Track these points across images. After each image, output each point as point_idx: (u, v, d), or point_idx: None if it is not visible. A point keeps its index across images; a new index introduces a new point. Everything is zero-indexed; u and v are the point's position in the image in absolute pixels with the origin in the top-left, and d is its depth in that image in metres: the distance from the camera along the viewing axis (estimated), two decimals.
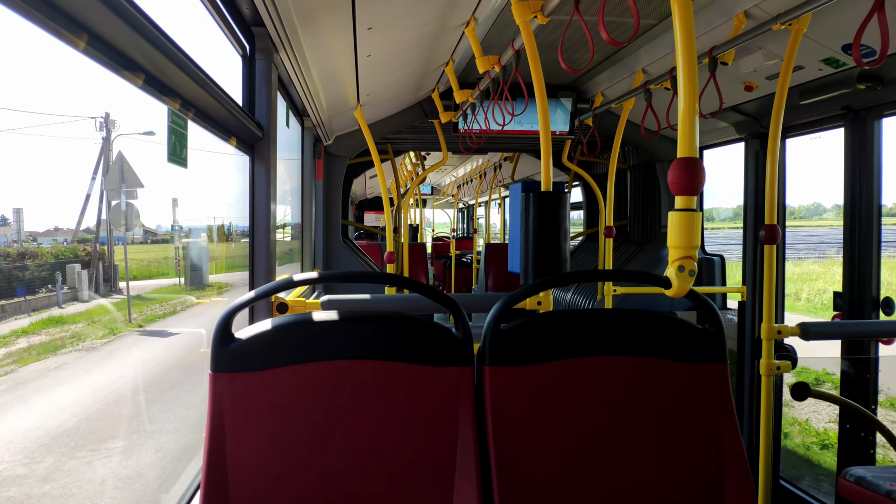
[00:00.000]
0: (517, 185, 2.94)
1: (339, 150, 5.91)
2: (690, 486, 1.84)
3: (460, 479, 1.76)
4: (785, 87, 2.89)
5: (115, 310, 16.05)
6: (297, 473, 1.74)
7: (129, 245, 10.59)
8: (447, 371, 1.83)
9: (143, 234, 9.58)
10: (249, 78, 2.81)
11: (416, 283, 1.99)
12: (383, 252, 5.24)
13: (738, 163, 4.80)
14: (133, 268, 16.23)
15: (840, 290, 3.86)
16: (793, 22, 2.77)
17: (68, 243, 17.54)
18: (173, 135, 1.84)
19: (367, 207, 17.97)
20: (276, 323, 1.82)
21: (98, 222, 17.00)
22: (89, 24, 1.35)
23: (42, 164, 41.73)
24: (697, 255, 1.68)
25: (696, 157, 1.62)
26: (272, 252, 2.88)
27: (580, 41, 4.29)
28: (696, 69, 1.63)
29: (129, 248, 10.45)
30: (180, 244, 17.95)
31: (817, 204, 51.10)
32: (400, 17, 3.15)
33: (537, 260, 2.83)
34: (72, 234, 18.38)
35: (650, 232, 6.43)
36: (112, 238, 15.74)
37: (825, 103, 3.72)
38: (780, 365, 2.99)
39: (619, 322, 1.93)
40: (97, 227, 16.97)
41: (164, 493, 6.32)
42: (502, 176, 11.34)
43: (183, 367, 11.30)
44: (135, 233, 10.18)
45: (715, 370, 1.91)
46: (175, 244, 17.84)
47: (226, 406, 1.74)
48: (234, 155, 2.67)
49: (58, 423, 8.16)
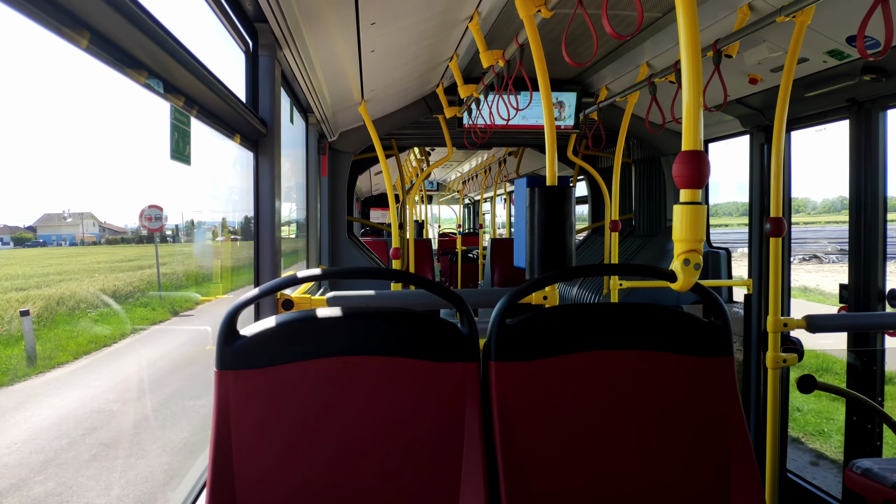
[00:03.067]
0: (522, 179, 2.94)
1: (344, 147, 5.92)
2: (698, 480, 1.84)
3: (467, 475, 1.76)
4: (789, 79, 2.88)
5: None
6: (303, 469, 1.75)
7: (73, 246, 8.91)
8: (453, 367, 1.84)
9: (97, 232, 7.67)
10: (253, 74, 2.81)
11: (422, 279, 1.99)
12: (389, 248, 5.25)
13: (739, 156, 4.79)
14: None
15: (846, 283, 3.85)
16: (797, 14, 2.75)
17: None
18: (176, 132, 1.84)
19: (373, 204, 17.99)
20: (281, 320, 1.83)
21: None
22: (91, 21, 1.35)
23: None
24: (703, 249, 1.67)
25: (700, 151, 1.61)
26: (277, 249, 2.88)
27: (584, 35, 4.28)
28: (700, 62, 1.62)
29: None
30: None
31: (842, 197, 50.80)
32: (403, 12, 3.15)
33: (543, 254, 2.83)
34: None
35: (655, 226, 6.42)
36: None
37: (830, 95, 3.70)
38: (786, 358, 2.99)
39: (625, 316, 1.93)
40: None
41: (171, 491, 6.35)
42: (507, 171, 11.33)
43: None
44: (84, 229, 8.58)
45: (721, 363, 1.91)
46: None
47: (232, 403, 1.75)
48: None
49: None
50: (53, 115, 5.75)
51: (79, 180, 7.44)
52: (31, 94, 4.97)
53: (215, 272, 9.52)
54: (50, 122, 5.62)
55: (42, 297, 6.41)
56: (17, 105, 4.99)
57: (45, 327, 6.14)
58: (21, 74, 3.73)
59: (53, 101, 5.68)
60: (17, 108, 5.09)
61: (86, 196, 9.26)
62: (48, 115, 6.32)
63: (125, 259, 9.34)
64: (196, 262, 9.54)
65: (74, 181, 7.35)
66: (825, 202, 56.44)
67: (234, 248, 7.69)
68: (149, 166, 8.21)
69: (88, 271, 8.44)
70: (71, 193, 8.39)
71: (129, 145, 8.36)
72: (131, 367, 6.80)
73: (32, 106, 5.13)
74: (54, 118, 5.86)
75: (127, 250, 9.43)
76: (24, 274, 7.42)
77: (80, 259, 8.91)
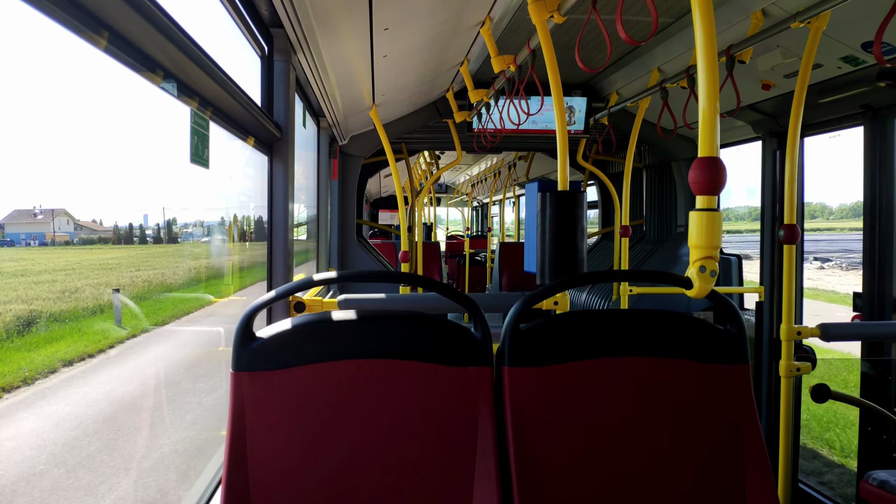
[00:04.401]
0: (533, 184, 2.93)
1: (355, 150, 5.93)
2: (713, 489, 1.83)
3: (480, 479, 1.76)
4: (804, 85, 2.87)
5: None
6: (316, 471, 1.75)
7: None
8: (466, 371, 1.83)
9: (72, 230, 6.45)
10: (268, 78, 2.82)
11: (436, 283, 1.99)
12: (397, 251, 5.26)
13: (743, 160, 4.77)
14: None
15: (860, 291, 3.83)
16: (812, 20, 2.74)
17: None
18: (195, 135, 1.85)
19: (382, 205, 18.00)
20: (296, 322, 1.83)
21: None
22: (111, 22, 1.35)
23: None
24: (718, 256, 1.67)
25: (716, 157, 1.60)
26: (290, 252, 2.89)
27: (595, 40, 4.27)
28: (717, 67, 1.61)
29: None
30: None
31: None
32: (416, 17, 3.16)
33: (554, 260, 2.82)
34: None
35: (666, 231, 6.40)
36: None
37: (844, 101, 3.68)
38: (799, 366, 2.97)
39: (639, 322, 1.92)
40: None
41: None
42: (517, 175, 11.33)
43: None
44: (57, 227, 7.29)
45: (736, 371, 1.90)
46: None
47: (247, 404, 1.75)
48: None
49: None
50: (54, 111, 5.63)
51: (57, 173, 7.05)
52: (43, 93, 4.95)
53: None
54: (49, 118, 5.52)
55: None
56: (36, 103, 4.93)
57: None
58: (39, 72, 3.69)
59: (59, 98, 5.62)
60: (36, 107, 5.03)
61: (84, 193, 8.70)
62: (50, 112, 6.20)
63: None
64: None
65: (52, 174, 6.93)
66: (841, 207, 56.13)
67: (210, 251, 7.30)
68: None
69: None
70: (47, 188, 7.70)
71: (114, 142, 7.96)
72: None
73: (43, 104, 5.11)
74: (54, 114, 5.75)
75: (101, 253, 7.86)
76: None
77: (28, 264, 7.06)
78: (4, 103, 2.93)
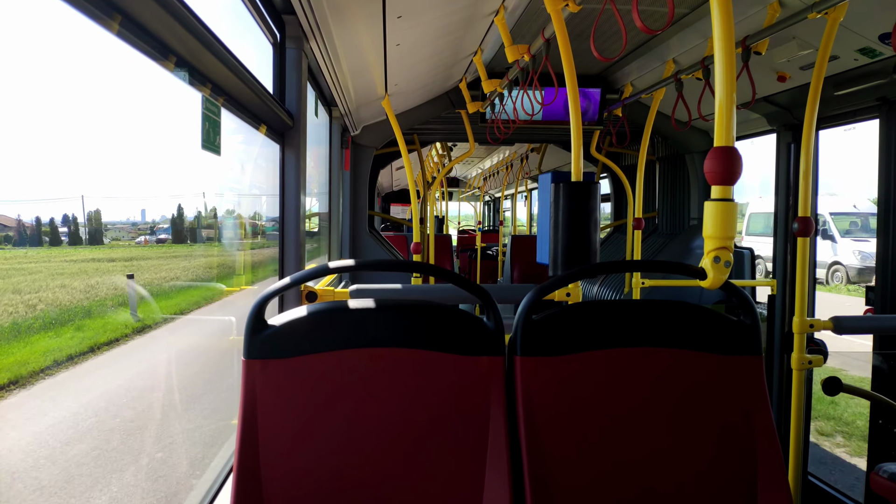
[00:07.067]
0: (546, 175, 2.92)
1: (367, 141, 5.93)
2: (725, 480, 1.82)
3: (491, 469, 1.76)
4: (820, 77, 2.84)
5: None
6: (328, 459, 1.75)
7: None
8: (478, 360, 1.83)
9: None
10: (280, 66, 2.81)
11: (449, 273, 2.00)
12: (409, 243, 5.25)
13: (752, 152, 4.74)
14: None
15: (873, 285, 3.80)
16: (829, 10, 2.71)
17: None
18: (207, 122, 1.85)
19: (393, 200, 17.99)
20: (310, 310, 1.83)
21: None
22: (123, 5, 1.36)
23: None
24: (733, 246, 1.66)
25: (733, 147, 1.59)
26: (301, 241, 2.89)
27: (610, 30, 4.24)
28: (734, 57, 1.60)
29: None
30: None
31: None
32: (430, 5, 3.14)
33: (567, 251, 2.81)
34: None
35: (679, 224, 6.37)
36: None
37: (860, 94, 3.64)
38: (811, 359, 2.95)
39: (652, 313, 1.91)
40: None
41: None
42: (529, 167, 11.29)
43: None
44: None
45: (750, 363, 1.89)
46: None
47: (258, 392, 1.76)
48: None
49: None
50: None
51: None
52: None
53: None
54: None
55: None
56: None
57: None
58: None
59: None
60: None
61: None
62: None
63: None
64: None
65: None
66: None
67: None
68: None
69: None
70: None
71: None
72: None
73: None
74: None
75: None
76: None
77: None
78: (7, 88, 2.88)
